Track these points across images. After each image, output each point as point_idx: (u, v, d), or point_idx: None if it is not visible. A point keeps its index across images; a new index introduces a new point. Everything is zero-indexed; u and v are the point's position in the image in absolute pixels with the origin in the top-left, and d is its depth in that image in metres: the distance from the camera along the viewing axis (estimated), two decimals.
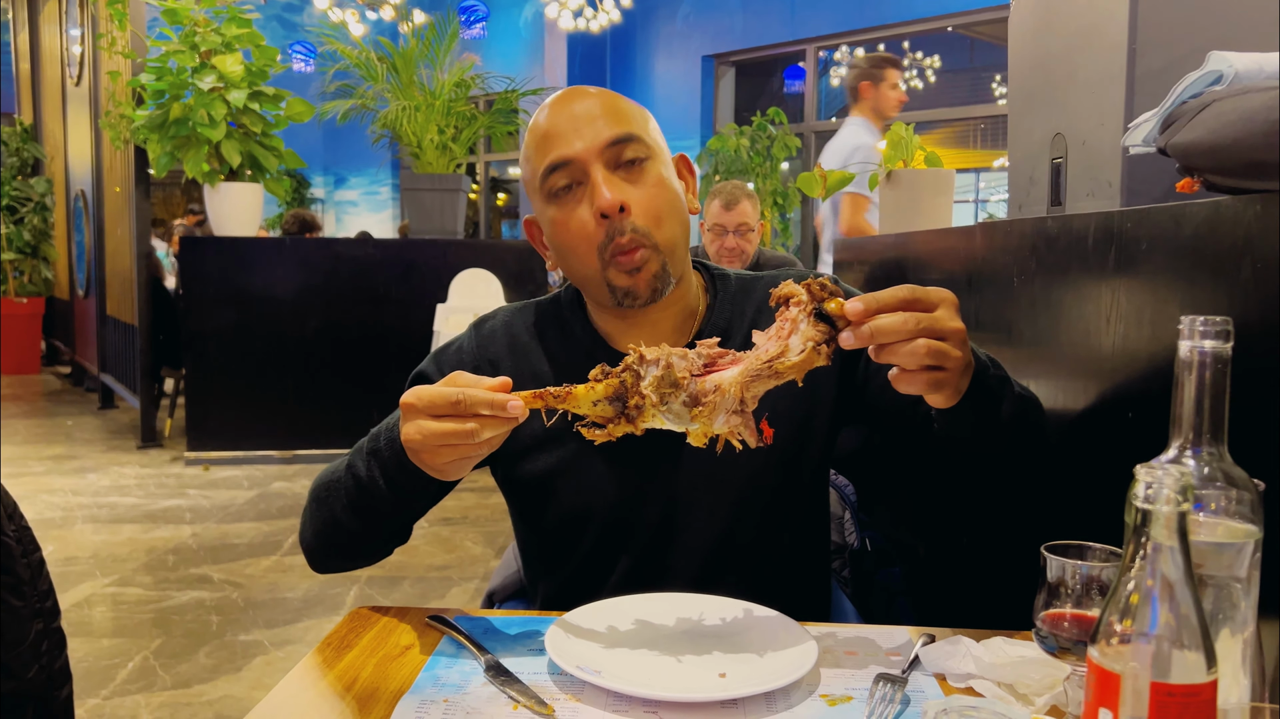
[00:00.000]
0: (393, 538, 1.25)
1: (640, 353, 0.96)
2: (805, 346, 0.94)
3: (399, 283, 5.87)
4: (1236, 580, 0.73)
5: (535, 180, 1.24)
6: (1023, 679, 0.95)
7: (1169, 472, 0.64)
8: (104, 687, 2.81)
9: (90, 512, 4.69)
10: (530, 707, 0.92)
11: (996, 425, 1.09)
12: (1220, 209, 0.96)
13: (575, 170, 1.20)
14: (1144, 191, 1.32)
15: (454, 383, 0.99)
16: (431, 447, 0.99)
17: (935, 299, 0.95)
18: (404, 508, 1.17)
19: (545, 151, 1.21)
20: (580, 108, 1.22)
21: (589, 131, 1.19)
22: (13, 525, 1.62)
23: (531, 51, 11.96)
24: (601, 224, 1.18)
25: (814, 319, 0.94)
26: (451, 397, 0.96)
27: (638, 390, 0.96)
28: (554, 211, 1.23)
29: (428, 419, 0.98)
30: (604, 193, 1.17)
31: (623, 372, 0.96)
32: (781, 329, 0.96)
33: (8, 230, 8.99)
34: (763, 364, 0.95)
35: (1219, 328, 0.73)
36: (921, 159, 2.82)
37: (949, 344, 0.94)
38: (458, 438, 0.97)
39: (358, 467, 1.15)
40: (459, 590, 3.67)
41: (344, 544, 1.23)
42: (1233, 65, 1.02)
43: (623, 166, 1.20)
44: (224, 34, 5.55)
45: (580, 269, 1.23)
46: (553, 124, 1.22)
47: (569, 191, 1.21)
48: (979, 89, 11.16)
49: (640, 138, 1.22)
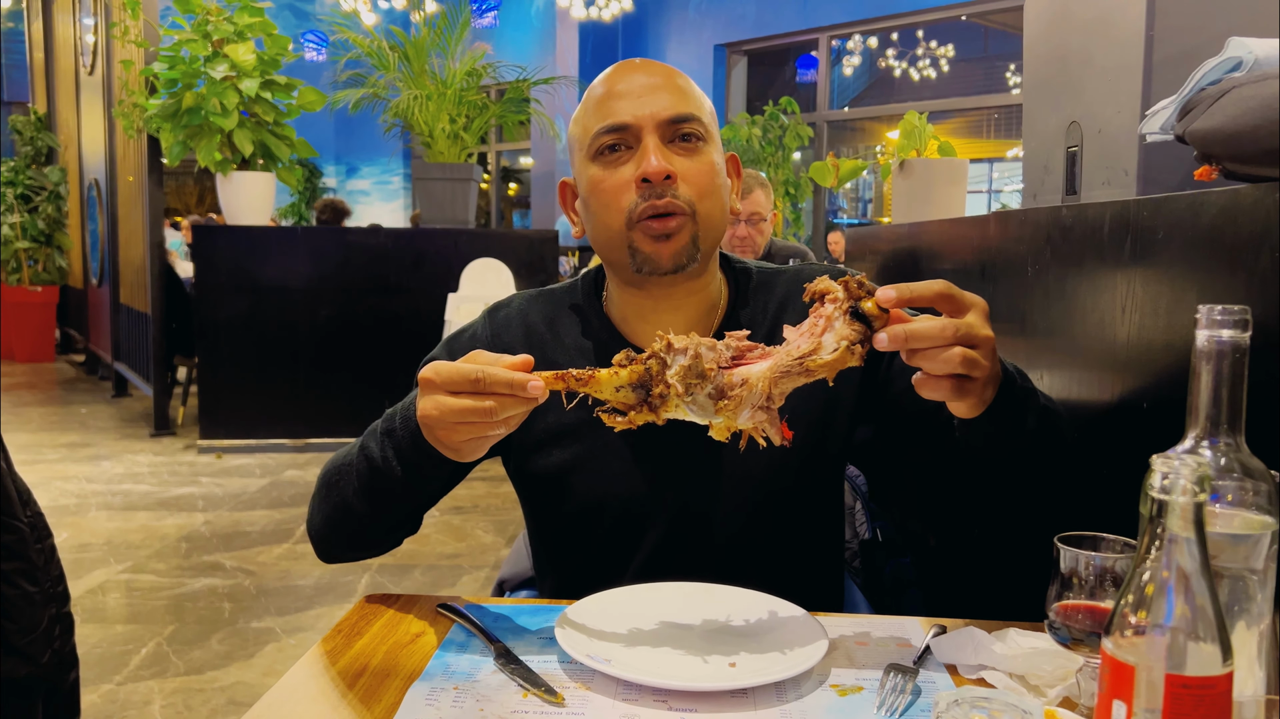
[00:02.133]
0: (402, 526, 1.24)
1: (669, 340, 0.94)
2: (839, 345, 0.91)
3: (410, 272, 5.88)
4: (1253, 572, 0.72)
5: (585, 138, 1.22)
6: (1035, 670, 0.94)
7: (1185, 462, 0.64)
8: (117, 672, 2.83)
9: (104, 499, 4.72)
10: (540, 694, 0.92)
11: (1020, 437, 1.07)
12: (1239, 197, 0.95)
13: (629, 136, 1.19)
14: (1160, 180, 1.31)
15: (474, 360, 0.97)
16: (449, 424, 0.97)
17: (968, 303, 0.93)
18: (417, 490, 1.16)
19: (603, 114, 1.20)
20: (646, 78, 1.21)
21: (651, 101, 1.19)
22: (27, 512, 1.63)
23: (543, 40, 11.94)
24: (640, 188, 1.17)
25: (849, 318, 0.92)
26: (471, 374, 0.94)
27: (663, 379, 0.93)
28: (595, 169, 1.21)
29: (446, 395, 0.96)
30: (653, 159, 1.16)
31: (648, 358, 0.94)
32: (815, 326, 0.94)
33: (22, 219, 9.04)
34: (794, 360, 0.92)
35: (1237, 317, 0.72)
36: (935, 149, 2.80)
37: (979, 352, 0.93)
38: (476, 415, 0.95)
39: (370, 448, 1.14)
40: (469, 579, 3.68)
41: (353, 530, 1.22)
42: (1252, 51, 1.00)
43: (678, 140, 1.19)
44: (236, 23, 5.55)
45: (605, 232, 1.21)
46: (615, 87, 1.21)
47: (615, 152, 1.20)
48: (993, 78, 11.09)
49: (700, 119, 1.21)
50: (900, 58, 10.87)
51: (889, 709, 0.90)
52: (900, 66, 10.93)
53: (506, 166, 14.84)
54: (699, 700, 0.92)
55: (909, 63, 10.94)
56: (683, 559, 1.24)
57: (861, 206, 13.68)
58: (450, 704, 0.91)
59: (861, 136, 12.29)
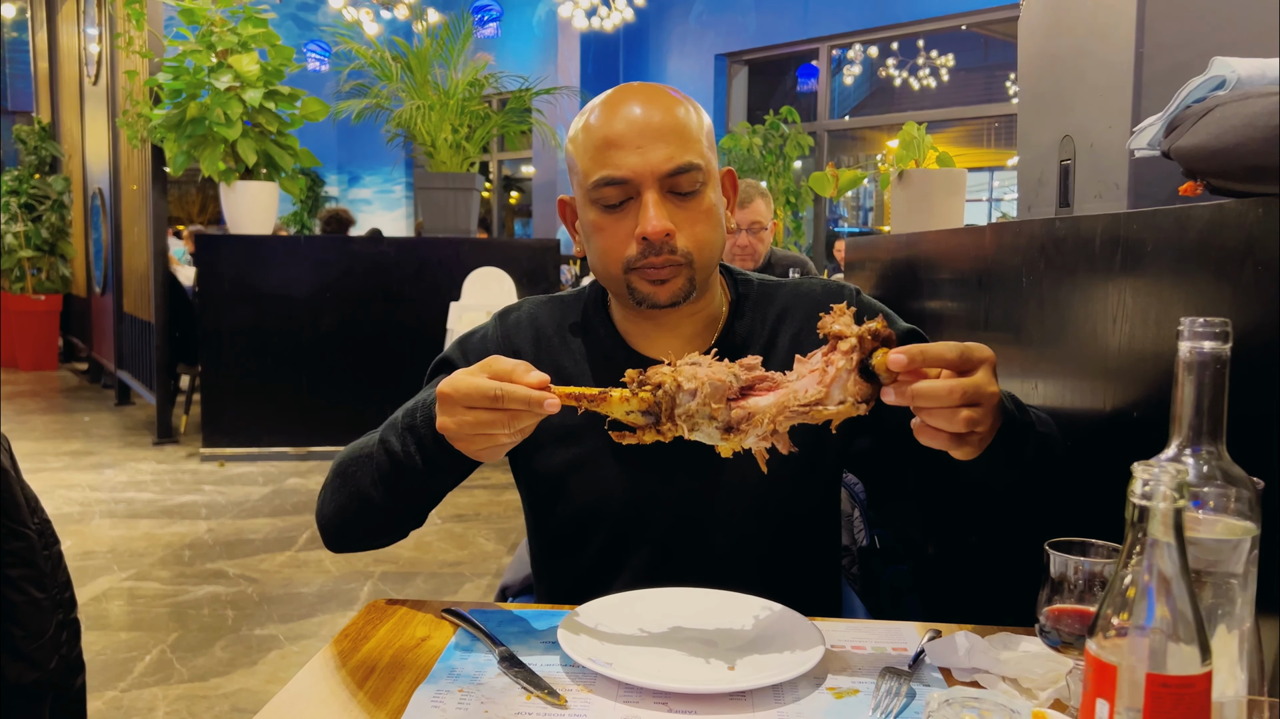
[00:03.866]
0: (412, 519, 1.26)
1: (678, 380, 0.96)
2: (846, 400, 0.94)
3: (413, 281, 5.91)
4: (1234, 576, 0.75)
5: (584, 181, 1.22)
6: (1027, 673, 0.96)
7: (1166, 469, 0.66)
8: (121, 679, 2.85)
9: (107, 507, 4.74)
10: (543, 697, 0.94)
11: (1016, 468, 1.09)
12: (1223, 212, 0.98)
13: (628, 188, 1.19)
14: (1149, 194, 1.33)
15: (490, 368, 1.00)
16: (466, 435, 1.01)
17: (977, 359, 0.94)
18: (436, 484, 1.18)
19: (601, 161, 1.19)
20: (645, 120, 1.19)
21: (651, 151, 1.17)
22: (35, 519, 1.65)
23: (545, 50, 11.98)
24: (639, 243, 1.18)
25: (859, 375, 0.94)
26: (490, 391, 0.97)
27: (671, 415, 0.96)
28: (595, 215, 1.22)
29: (464, 409, 1.00)
30: (652, 219, 1.16)
31: (657, 389, 0.96)
32: (825, 373, 0.95)
33: (26, 228, 9.07)
34: (800, 406, 0.95)
35: (1218, 329, 0.74)
36: (934, 159, 2.83)
37: (984, 409, 0.93)
38: (493, 428, 0.99)
39: (391, 442, 1.16)
40: (471, 586, 3.70)
41: (367, 520, 1.23)
42: (1236, 71, 1.03)
43: (676, 194, 1.20)
44: (240, 33, 5.59)
45: (604, 271, 1.25)
46: (613, 131, 1.19)
47: (618, 207, 1.20)
48: (993, 88, 11.12)
49: (700, 166, 1.20)
50: (901, 67, 10.91)
51: (884, 712, 0.92)
52: (901, 76, 10.96)
53: (508, 176, 14.87)
54: (698, 703, 0.94)
55: (909, 72, 10.97)
56: (680, 564, 1.26)
57: (862, 215, 13.71)
58: (455, 706, 0.93)
59: (862, 145, 12.31)
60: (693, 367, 0.98)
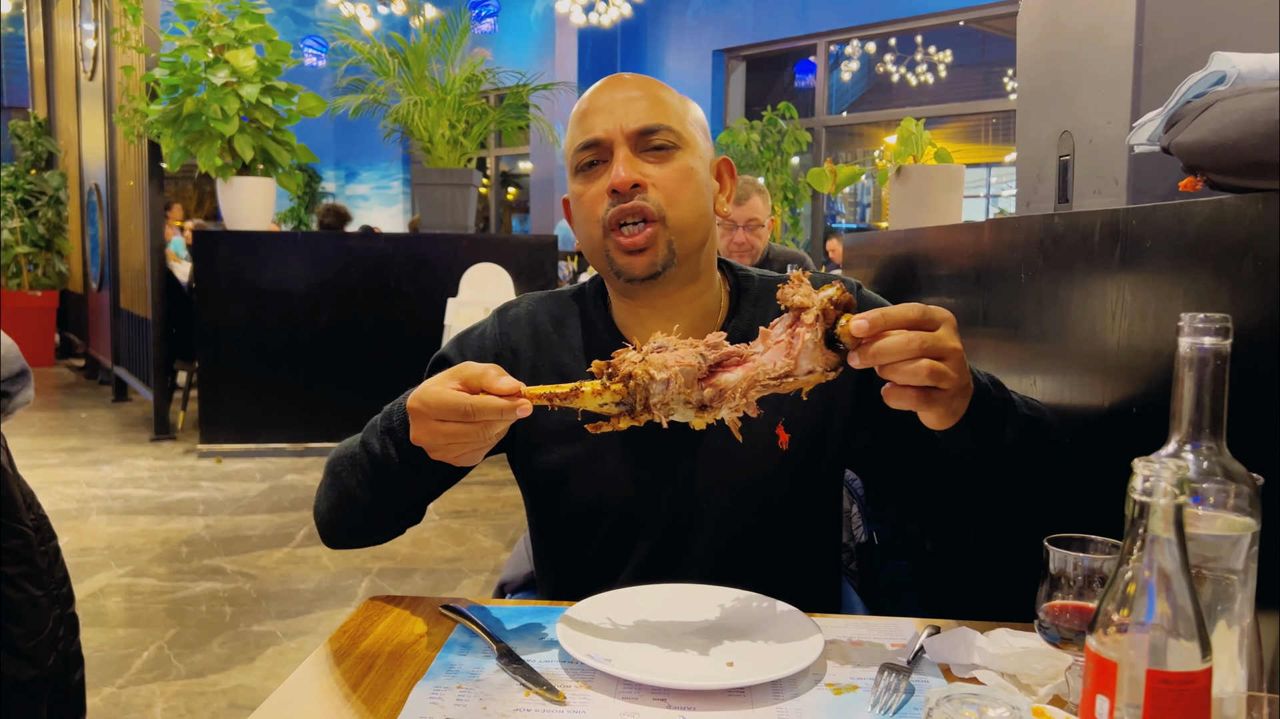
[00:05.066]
0: (406, 516, 1.26)
1: (650, 372, 0.97)
2: (815, 369, 0.97)
3: (410, 277, 5.90)
4: (1234, 572, 0.74)
5: (569, 154, 1.29)
6: (1026, 670, 0.96)
7: (1166, 465, 0.66)
8: (119, 676, 2.85)
9: (105, 503, 4.73)
10: (542, 693, 0.94)
11: (999, 447, 1.10)
12: (1223, 208, 0.98)
13: (602, 150, 1.24)
14: (1149, 189, 1.33)
15: (461, 375, 1.00)
16: (441, 446, 1.03)
17: (938, 319, 0.96)
18: (419, 485, 1.18)
19: (581, 130, 1.26)
20: (621, 93, 1.26)
21: (623, 114, 1.24)
22: (31, 515, 1.65)
23: (542, 46, 11.97)
24: (611, 199, 1.22)
25: (824, 344, 0.96)
26: (461, 407, 0.98)
27: (645, 404, 0.98)
28: (577, 185, 1.28)
29: (436, 423, 1.01)
30: (620, 169, 1.21)
31: (629, 381, 0.97)
32: (791, 345, 0.97)
33: (22, 224, 9.05)
34: (770, 379, 0.97)
35: (1218, 325, 0.74)
36: (932, 155, 2.83)
37: (948, 364, 0.95)
38: (466, 437, 1.01)
39: (373, 444, 1.16)
40: (469, 583, 3.70)
41: (358, 520, 1.25)
42: (1236, 66, 1.03)
43: (650, 151, 1.24)
44: (237, 29, 5.57)
45: (588, 241, 1.28)
46: (592, 104, 1.27)
47: (592, 168, 1.25)
48: (991, 83, 11.13)
49: (672, 128, 1.25)
50: (898, 63, 10.91)
51: (883, 708, 0.92)
52: (898, 72, 10.96)
53: (505, 172, 14.86)
54: (697, 699, 0.94)
55: (907, 68, 10.97)
56: (681, 560, 1.26)
57: (860, 211, 13.71)
58: (454, 703, 0.93)
59: (860, 141, 12.32)
60: (660, 353, 0.98)
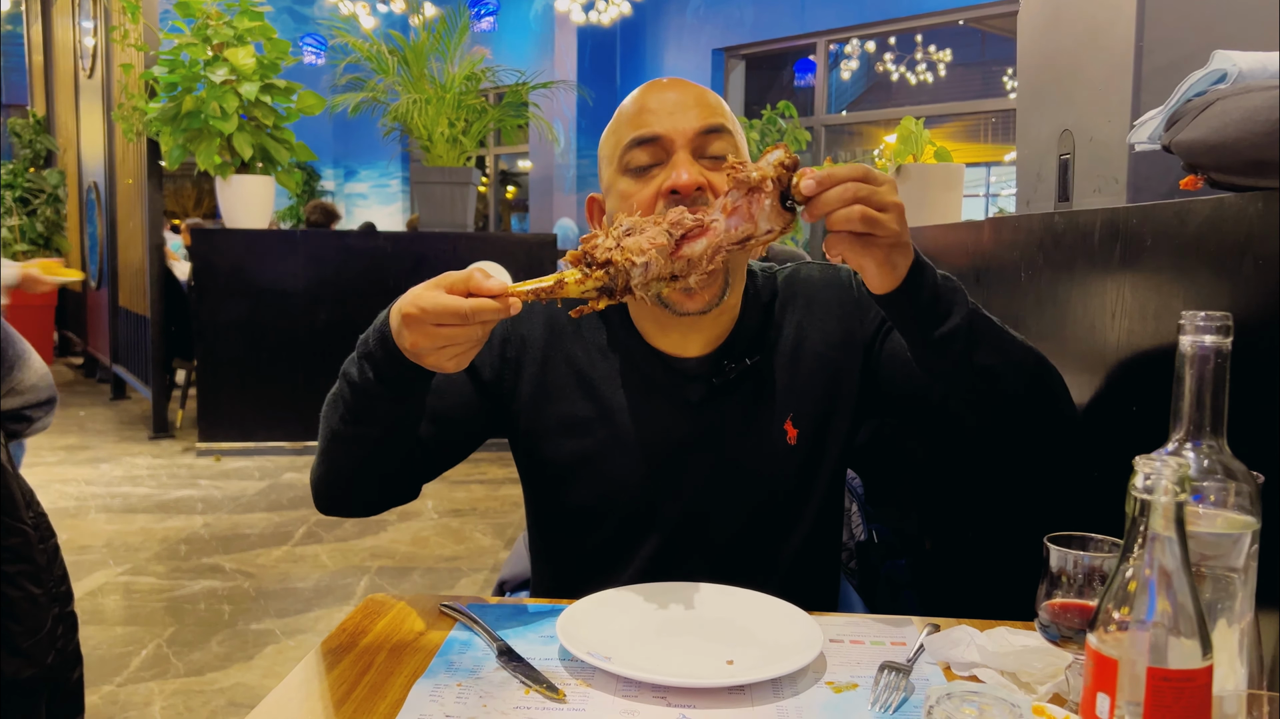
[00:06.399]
0: (391, 459, 1.22)
1: (630, 258, 1.01)
2: (772, 228, 1.03)
3: (409, 275, 5.84)
4: (1234, 571, 0.75)
5: (615, 152, 1.23)
6: (1025, 668, 0.96)
7: (1167, 463, 0.66)
8: (118, 674, 2.85)
9: (103, 501, 4.73)
10: (542, 691, 0.94)
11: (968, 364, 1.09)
12: (1223, 206, 0.98)
13: (659, 150, 1.19)
14: (1149, 188, 1.33)
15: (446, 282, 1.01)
16: (438, 349, 1.02)
17: (879, 178, 1.00)
18: (401, 408, 1.15)
19: (635, 125, 1.21)
20: (678, 94, 1.22)
21: (682, 116, 1.20)
22: (30, 513, 1.64)
23: (541, 45, 11.96)
24: (668, 200, 1.16)
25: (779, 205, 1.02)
26: (459, 311, 0.98)
27: (627, 288, 1.03)
28: (626, 184, 1.21)
29: (433, 328, 1.00)
30: (683, 172, 1.16)
31: (608, 266, 1.02)
32: (750, 210, 1.03)
33: (20, 222, 9.04)
34: (732, 244, 1.04)
35: (1219, 323, 0.74)
36: (931, 154, 2.83)
37: (886, 216, 0.99)
38: (464, 339, 1.01)
39: (351, 374, 1.14)
40: (468, 581, 3.70)
41: (344, 465, 1.21)
42: (1236, 64, 1.03)
43: (708, 158, 1.20)
44: (236, 27, 5.57)
45: None
46: (647, 102, 1.22)
47: (646, 170, 1.20)
48: (990, 83, 11.12)
49: (731, 133, 1.22)
50: (898, 62, 10.90)
51: (883, 706, 0.92)
52: (898, 71, 10.96)
53: (505, 170, 14.85)
54: (697, 697, 0.94)
55: (906, 67, 10.96)
56: (681, 557, 1.26)
57: None
58: (454, 701, 0.93)
59: (859, 140, 12.31)
60: (631, 236, 1.03)
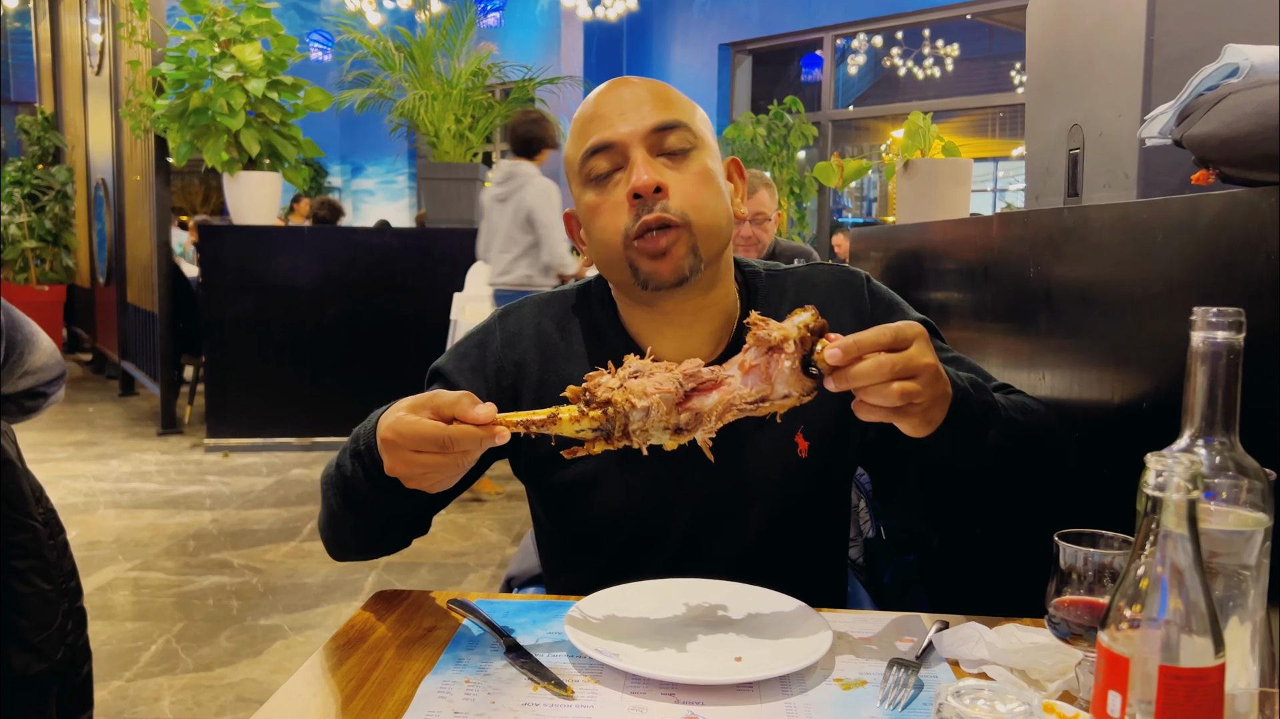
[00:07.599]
0: (407, 530, 1.23)
1: (630, 400, 0.97)
2: (790, 393, 0.98)
3: (416, 271, 5.90)
4: (1246, 568, 0.74)
5: (575, 164, 1.21)
6: (1035, 665, 0.96)
7: (1179, 460, 0.65)
8: (127, 669, 2.86)
9: (112, 497, 4.75)
10: (550, 688, 0.94)
11: (981, 450, 1.09)
12: (1235, 201, 0.97)
13: (616, 155, 1.17)
14: (1160, 183, 1.32)
15: (433, 404, 0.97)
16: (417, 476, 1.00)
17: (909, 336, 0.96)
18: (391, 509, 1.16)
19: (588, 134, 1.19)
20: (627, 93, 1.19)
21: (634, 115, 1.17)
22: (40, 509, 1.65)
23: (548, 40, 11.94)
24: (632, 204, 1.14)
25: (800, 370, 0.97)
26: (438, 437, 0.95)
27: (625, 432, 0.98)
28: (591, 195, 1.19)
29: (411, 453, 0.97)
30: (641, 172, 1.14)
31: (607, 407, 0.97)
32: (768, 371, 0.98)
33: (29, 218, 9.07)
34: (746, 404, 0.99)
35: (1231, 319, 0.74)
36: (939, 149, 2.81)
37: (919, 381, 0.95)
38: (442, 466, 0.98)
39: (346, 467, 1.14)
40: (475, 577, 3.70)
41: (348, 537, 1.23)
42: (1249, 58, 1.02)
43: (666, 154, 1.17)
44: (243, 23, 5.57)
45: (606, 253, 1.20)
46: (598, 108, 1.20)
47: (608, 178, 1.18)
48: (998, 77, 11.09)
49: (688, 126, 1.18)
50: (905, 57, 10.88)
51: (892, 703, 0.91)
52: (905, 66, 10.93)
53: None
54: (705, 694, 0.94)
55: (914, 62, 10.94)
56: (693, 566, 1.23)
57: (866, 205, 13.67)
58: (463, 697, 0.93)
59: (866, 135, 12.28)
60: (637, 379, 0.98)
